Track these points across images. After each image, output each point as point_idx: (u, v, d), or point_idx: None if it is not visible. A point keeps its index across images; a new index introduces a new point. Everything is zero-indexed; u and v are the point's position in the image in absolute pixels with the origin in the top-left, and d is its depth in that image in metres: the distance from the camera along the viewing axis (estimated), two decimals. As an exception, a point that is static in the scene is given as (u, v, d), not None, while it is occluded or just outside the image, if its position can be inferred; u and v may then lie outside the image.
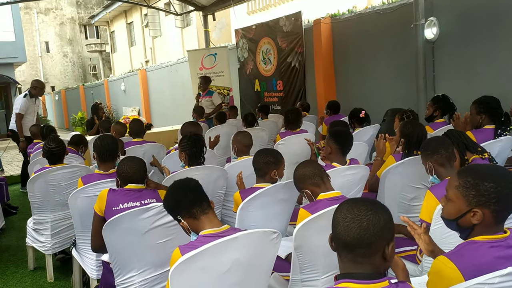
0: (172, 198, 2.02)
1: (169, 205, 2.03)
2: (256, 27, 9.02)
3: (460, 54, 5.56)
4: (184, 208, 1.96)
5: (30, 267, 4.03)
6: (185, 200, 1.97)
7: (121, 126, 5.72)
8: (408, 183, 3.27)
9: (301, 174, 2.35)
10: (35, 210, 3.73)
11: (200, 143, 3.38)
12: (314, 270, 2.16)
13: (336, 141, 3.05)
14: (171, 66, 13.49)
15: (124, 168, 2.65)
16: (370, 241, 1.29)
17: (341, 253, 1.36)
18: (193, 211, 1.95)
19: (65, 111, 24.84)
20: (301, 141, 4.73)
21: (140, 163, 2.69)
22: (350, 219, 1.33)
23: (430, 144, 2.54)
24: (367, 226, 1.30)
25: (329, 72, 7.48)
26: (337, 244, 1.37)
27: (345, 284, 1.30)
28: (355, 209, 1.35)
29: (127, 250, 2.36)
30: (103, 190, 2.59)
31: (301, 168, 2.37)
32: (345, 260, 1.35)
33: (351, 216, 1.33)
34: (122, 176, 2.65)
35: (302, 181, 2.34)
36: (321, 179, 2.30)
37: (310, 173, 2.30)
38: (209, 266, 1.75)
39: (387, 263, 1.34)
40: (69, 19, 34.91)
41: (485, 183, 1.50)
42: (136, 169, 2.64)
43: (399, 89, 6.38)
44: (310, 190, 2.29)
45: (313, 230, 2.07)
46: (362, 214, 1.32)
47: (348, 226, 1.32)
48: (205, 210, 1.97)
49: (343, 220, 1.35)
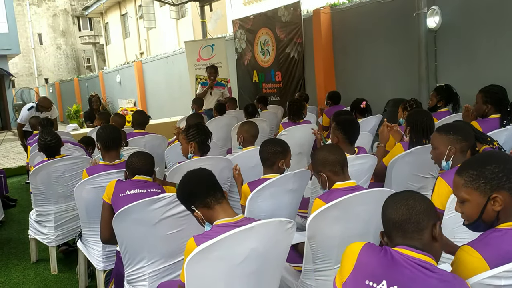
0: (186, 188, 1.99)
1: (183, 195, 2.00)
2: (254, 18, 8.94)
3: (462, 43, 5.54)
4: (198, 197, 1.93)
5: (32, 259, 4.00)
6: (199, 189, 1.94)
7: (120, 117, 5.67)
8: (416, 173, 3.27)
9: (323, 157, 2.28)
10: (38, 202, 3.69)
11: (207, 130, 3.36)
12: (327, 260, 2.14)
13: (343, 130, 3.02)
14: (167, 58, 13.39)
15: (133, 160, 2.65)
16: (418, 217, 1.42)
17: (392, 235, 1.47)
18: (207, 200, 1.92)
19: (60, 104, 24.62)
20: (304, 131, 4.72)
21: (149, 158, 2.70)
22: (398, 200, 1.48)
23: (462, 129, 2.45)
24: (414, 204, 1.44)
25: (329, 63, 7.44)
26: (388, 227, 1.49)
27: (401, 249, 1.39)
28: (402, 194, 1.52)
29: (137, 241, 2.33)
30: (112, 181, 2.58)
31: (325, 152, 2.31)
32: (396, 241, 1.45)
33: (398, 198, 1.49)
34: (131, 168, 2.64)
35: (322, 165, 2.28)
36: (342, 168, 2.26)
37: (333, 160, 2.25)
38: (225, 256, 1.73)
39: (437, 244, 1.44)
40: (62, 11, 34.55)
41: (488, 167, 1.52)
42: (145, 162, 2.64)
43: (400, 79, 6.35)
44: (327, 176, 2.25)
45: (328, 220, 2.06)
46: (408, 196, 1.48)
47: (396, 205, 1.46)
48: (219, 199, 1.94)
49: (391, 202, 1.50)
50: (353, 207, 2.09)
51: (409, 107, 4.22)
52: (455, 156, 2.37)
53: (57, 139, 3.68)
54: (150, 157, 2.72)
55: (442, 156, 2.40)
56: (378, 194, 2.16)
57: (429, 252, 1.39)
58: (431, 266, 1.35)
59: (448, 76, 5.74)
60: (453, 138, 2.38)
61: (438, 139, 2.44)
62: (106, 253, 3.04)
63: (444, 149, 2.39)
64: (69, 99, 23.22)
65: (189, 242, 1.82)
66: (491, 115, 3.73)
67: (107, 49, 29.52)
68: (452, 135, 2.39)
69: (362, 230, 2.16)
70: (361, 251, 1.44)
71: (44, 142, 3.63)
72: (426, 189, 3.28)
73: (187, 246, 1.81)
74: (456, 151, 2.37)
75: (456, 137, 2.38)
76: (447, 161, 2.39)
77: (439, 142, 2.43)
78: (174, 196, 2.26)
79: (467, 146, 2.40)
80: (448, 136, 2.39)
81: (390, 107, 6.04)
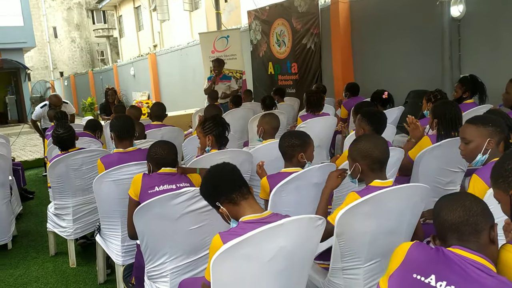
0: (210, 184, 1.90)
1: (207, 191, 1.92)
2: (270, 8, 8.81)
3: (487, 32, 5.36)
4: (223, 193, 1.85)
5: (51, 252, 3.98)
6: (224, 185, 1.86)
7: (136, 109, 5.63)
8: (444, 167, 3.13)
9: (366, 150, 2.11)
10: (56, 195, 3.66)
11: (224, 122, 3.27)
12: (357, 258, 2.05)
13: (370, 122, 2.91)
14: (181, 50, 13.32)
15: (157, 150, 2.57)
16: (475, 219, 1.36)
17: (447, 237, 1.41)
18: (233, 196, 1.84)
19: (75, 97, 24.81)
20: (323, 124, 4.61)
21: (173, 147, 2.62)
22: (453, 201, 1.42)
23: (498, 120, 2.32)
24: (470, 205, 1.38)
25: (347, 54, 7.29)
26: (442, 230, 1.42)
27: (456, 249, 1.34)
28: (455, 195, 1.47)
29: (159, 236, 2.27)
30: (137, 175, 2.52)
31: (371, 145, 2.12)
32: (450, 243, 1.39)
33: (453, 199, 1.43)
34: (154, 158, 2.57)
35: (362, 157, 2.12)
36: (381, 166, 2.11)
37: (376, 156, 2.08)
38: (253, 254, 1.65)
39: (494, 246, 1.38)
40: (76, 4, 34.69)
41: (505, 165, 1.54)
42: (169, 152, 2.57)
43: (421, 70, 6.18)
44: (362, 169, 2.13)
45: (358, 216, 1.96)
46: (464, 197, 1.42)
47: (451, 207, 1.40)
48: (245, 195, 1.86)
49: (445, 203, 1.43)
50: (385, 203, 1.99)
51: (433, 98, 4.08)
52: (493, 149, 2.24)
53: (70, 132, 3.64)
54: (173, 146, 2.65)
55: (478, 150, 2.26)
56: (411, 190, 2.07)
57: (485, 255, 1.31)
58: (487, 269, 1.26)
59: (472, 66, 5.56)
60: (492, 130, 2.24)
61: (475, 131, 2.28)
62: (125, 247, 2.99)
63: (482, 142, 2.24)
64: (84, 92, 23.35)
65: (214, 239, 1.74)
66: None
67: (121, 42, 29.58)
68: (491, 127, 2.25)
69: (394, 227, 2.06)
70: (411, 248, 1.41)
71: (56, 135, 3.61)
72: (455, 183, 3.16)
73: (213, 243, 1.73)
74: (493, 144, 2.23)
75: (495, 129, 2.25)
76: (484, 154, 2.25)
77: (475, 135, 2.27)
78: (196, 191, 2.19)
79: (503, 138, 2.28)
80: (487, 128, 2.25)
81: (411, 98, 5.90)
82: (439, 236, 1.45)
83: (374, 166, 2.10)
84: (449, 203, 1.43)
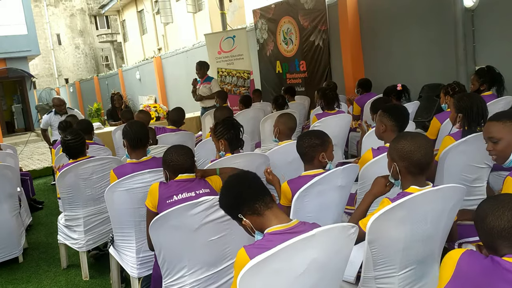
0: (231, 195, 1.76)
1: (228, 202, 1.78)
2: (275, 6, 8.67)
3: (502, 22, 5.17)
4: (246, 204, 1.71)
5: (63, 265, 3.87)
6: (246, 195, 1.72)
7: (145, 114, 5.50)
8: (470, 163, 2.97)
9: (406, 151, 1.93)
10: (66, 206, 3.54)
11: (236, 124, 3.13)
12: (391, 266, 1.91)
13: (392, 117, 2.75)
14: (187, 52, 13.21)
15: (173, 157, 2.43)
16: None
17: (497, 245, 1.30)
18: (256, 206, 1.70)
19: (81, 103, 24.83)
20: (338, 122, 4.47)
21: (189, 151, 2.49)
22: (498, 205, 1.31)
23: None
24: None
25: (357, 50, 7.12)
26: (491, 238, 1.31)
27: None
28: (499, 198, 1.34)
29: (177, 249, 2.14)
30: (153, 184, 2.39)
31: (412, 146, 1.93)
32: (503, 252, 1.28)
33: (498, 203, 1.32)
34: (171, 165, 2.43)
35: (401, 158, 1.95)
36: (421, 171, 1.93)
37: (417, 159, 1.91)
38: (283, 268, 1.51)
39: None
40: (79, 10, 34.76)
41: None
42: (186, 157, 2.43)
43: (435, 63, 6.01)
44: (400, 171, 1.97)
45: (392, 222, 1.82)
46: (508, 199, 1.31)
47: (497, 212, 1.29)
48: (268, 204, 1.72)
49: (490, 208, 1.32)
50: (420, 207, 1.85)
51: (451, 91, 3.93)
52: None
53: (77, 139, 3.50)
54: (190, 151, 2.52)
55: (510, 148, 2.06)
56: (449, 192, 1.92)
57: None
58: None
59: (487, 57, 5.38)
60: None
61: (503, 128, 2.08)
62: (141, 259, 2.87)
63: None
64: (89, 98, 23.35)
65: (239, 253, 1.61)
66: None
67: (125, 46, 29.57)
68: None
69: (430, 232, 1.92)
70: (462, 258, 1.27)
71: (64, 142, 3.49)
72: (481, 180, 3.00)
73: (238, 258, 1.60)
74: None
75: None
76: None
77: (504, 132, 2.07)
78: (215, 199, 2.06)
79: None
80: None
81: (425, 93, 5.75)
82: (487, 245, 1.32)
83: (413, 169, 1.93)
84: (494, 207, 1.31)
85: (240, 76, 8.89)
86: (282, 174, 2.84)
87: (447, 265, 1.30)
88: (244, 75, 8.91)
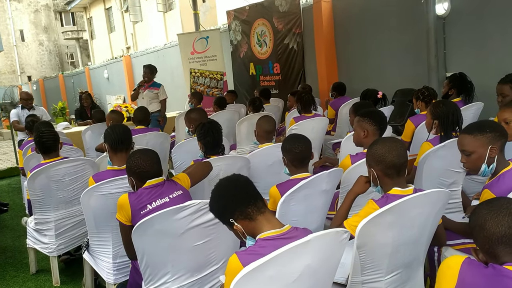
0: (222, 199, 1.72)
1: (219, 207, 1.74)
2: (250, 8, 8.64)
3: (472, 30, 5.34)
4: (238, 208, 1.67)
5: (32, 270, 3.70)
6: (238, 199, 1.68)
7: (118, 114, 5.37)
8: (448, 167, 3.05)
9: (380, 155, 1.98)
10: (36, 209, 3.38)
11: (215, 131, 3.08)
12: (378, 270, 1.91)
13: (374, 122, 2.77)
14: (158, 52, 13.01)
15: (138, 163, 2.31)
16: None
17: (497, 251, 1.27)
18: (248, 211, 1.67)
19: (44, 101, 24.00)
20: (315, 125, 4.48)
21: (153, 154, 2.38)
22: (497, 210, 1.28)
23: (496, 124, 2.19)
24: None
25: (331, 53, 7.19)
26: (490, 244, 1.28)
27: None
28: (495, 203, 1.32)
29: (160, 254, 2.07)
30: (121, 197, 2.26)
31: (385, 150, 1.98)
32: (504, 259, 1.26)
33: (496, 209, 1.29)
34: (137, 172, 2.32)
35: (375, 162, 2.00)
36: (397, 172, 1.97)
37: (390, 161, 1.95)
38: (277, 275, 1.48)
39: None
40: (44, 6, 33.73)
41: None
42: (151, 162, 2.33)
43: (408, 68, 6.13)
44: (377, 175, 2.00)
45: (380, 227, 1.82)
46: (506, 204, 1.29)
47: (497, 217, 1.27)
48: (260, 209, 1.69)
49: (488, 213, 1.30)
50: (409, 211, 1.86)
51: (421, 95, 4.03)
52: (498, 156, 2.08)
53: (51, 134, 3.40)
54: (155, 154, 2.41)
55: (481, 160, 2.09)
56: (436, 196, 1.94)
57: None
58: None
59: (458, 64, 5.55)
60: (491, 136, 2.07)
61: (473, 141, 2.10)
62: (117, 265, 2.77)
63: (484, 151, 2.07)
64: (54, 97, 22.58)
65: (231, 260, 1.57)
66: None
67: (92, 44, 28.87)
68: (490, 133, 2.07)
69: (417, 236, 1.93)
70: (463, 269, 1.22)
71: (38, 136, 3.35)
72: (457, 184, 3.07)
73: (230, 265, 1.56)
74: (497, 150, 2.07)
75: (494, 134, 2.07)
76: (491, 163, 2.08)
77: (474, 145, 2.09)
78: (202, 203, 2.00)
79: (505, 142, 2.12)
80: (485, 135, 2.07)
81: (398, 97, 5.85)
82: (486, 251, 1.30)
83: (388, 171, 1.97)
84: (493, 213, 1.29)
85: (213, 77, 8.82)
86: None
87: (448, 276, 1.25)
88: (218, 76, 8.85)
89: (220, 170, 3.00)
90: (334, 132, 5.53)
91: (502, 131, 2.11)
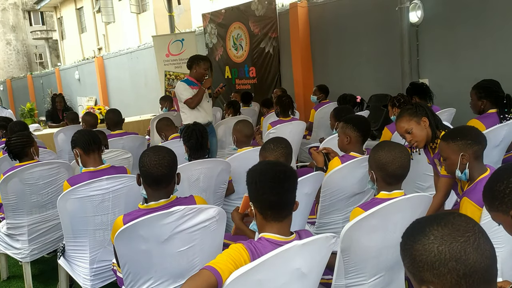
0: (257, 184, 1.66)
1: (251, 184, 1.68)
2: (226, 11, 8.65)
3: (445, 38, 5.50)
4: (261, 203, 1.66)
5: (3, 276, 3.58)
6: (267, 197, 1.64)
7: (92, 117, 5.27)
8: (424, 172, 3.14)
9: (383, 162, 2.02)
10: (9, 213, 3.26)
11: (199, 133, 3.06)
12: (361, 274, 1.94)
13: (357, 128, 2.80)
14: (131, 53, 12.83)
15: (143, 159, 2.09)
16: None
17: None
18: (268, 213, 1.65)
19: (12, 102, 23.25)
20: (293, 129, 4.51)
21: (165, 156, 2.11)
22: (464, 242, 0.97)
23: (470, 132, 2.22)
24: (483, 250, 0.97)
25: (307, 58, 7.27)
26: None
27: None
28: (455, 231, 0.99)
29: (143, 261, 2.03)
30: (117, 219, 2.06)
31: (389, 157, 2.01)
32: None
33: (463, 239, 0.97)
34: (142, 170, 2.10)
35: (378, 168, 2.04)
36: (397, 181, 2.02)
37: (393, 170, 1.99)
38: (266, 279, 1.48)
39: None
40: (12, 5, 32.74)
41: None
42: (159, 163, 2.07)
43: (382, 74, 6.26)
44: (377, 178, 2.05)
45: (365, 230, 1.85)
46: (467, 234, 0.98)
47: (465, 250, 0.96)
48: (279, 217, 1.66)
49: (463, 244, 0.97)
50: (391, 215, 1.90)
51: (397, 102, 4.11)
52: (470, 163, 2.15)
53: (20, 138, 3.32)
54: (168, 155, 2.12)
55: (455, 166, 2.17)
56: (417, 200, 1.98)
57: None
58: None
59: (430, 71, 5.70)
60: (462, 144, 2.15)
61: (446, 148, 2.20)
62: (95, 270, 2.71)
63: (456, 158, 2.16)
64: (22, 97, 21.92)
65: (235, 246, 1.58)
66: (488, 110, 3.65)
67: (62, 44, 28.21)
68: (460, 141, 2.16)
69: (399, 239, 1.96)
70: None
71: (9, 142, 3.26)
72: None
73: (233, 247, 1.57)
74: (469, 158, 2.14)
75: (465, 142, 2.15)
76: (463, 170, 2.15)
77: (448, 152, 2.20)
78: (187, 209, 1.98)
79: (481, 149, 2.18)
80: (456, 142, 2.16)
81: (373, 102, 5.95)
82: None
83: (388, 179, 2.03)
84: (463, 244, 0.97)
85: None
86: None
87: None
88: (193, 79, 8.77)
89: (201, 174, 2.99)
90: (310, 137, 5.58)
91: (475, 139, 2.17)
